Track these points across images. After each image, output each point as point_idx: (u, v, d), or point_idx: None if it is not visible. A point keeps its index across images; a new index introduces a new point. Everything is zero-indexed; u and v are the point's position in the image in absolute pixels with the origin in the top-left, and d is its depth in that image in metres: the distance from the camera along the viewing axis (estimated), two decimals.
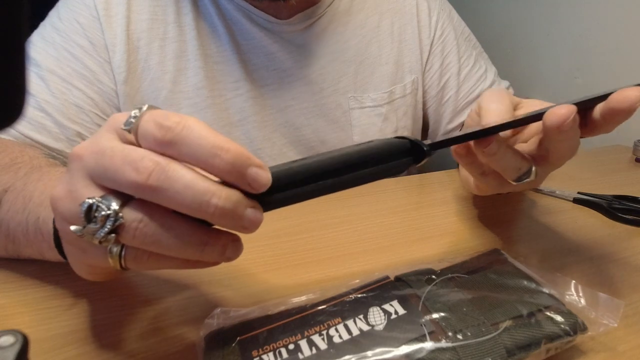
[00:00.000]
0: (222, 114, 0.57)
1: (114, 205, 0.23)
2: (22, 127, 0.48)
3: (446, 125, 0.67)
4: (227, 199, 0.22)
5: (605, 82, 0.91)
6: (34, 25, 0.54)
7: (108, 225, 0.23)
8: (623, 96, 0.30)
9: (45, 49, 0.51)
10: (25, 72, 0.14)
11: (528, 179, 0.34)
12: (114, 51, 0.52)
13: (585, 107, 0.32)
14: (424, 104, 0.68)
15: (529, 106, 0.36)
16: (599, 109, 0.32)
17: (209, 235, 0.24)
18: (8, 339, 0.19)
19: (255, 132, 0.58)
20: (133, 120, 0.23)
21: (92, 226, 0.23)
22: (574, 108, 0.29)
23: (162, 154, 0.23)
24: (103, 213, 0.22)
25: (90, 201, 0.23)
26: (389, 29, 0.63)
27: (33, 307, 0.33)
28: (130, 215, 0.23)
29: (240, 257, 0.28)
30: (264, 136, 0.59)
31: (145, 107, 0.24)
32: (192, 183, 0.22)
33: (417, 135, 0.69)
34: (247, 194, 0.23)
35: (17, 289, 0.35)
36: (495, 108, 0.34)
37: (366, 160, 0.26)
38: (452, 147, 0.35)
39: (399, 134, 0.64)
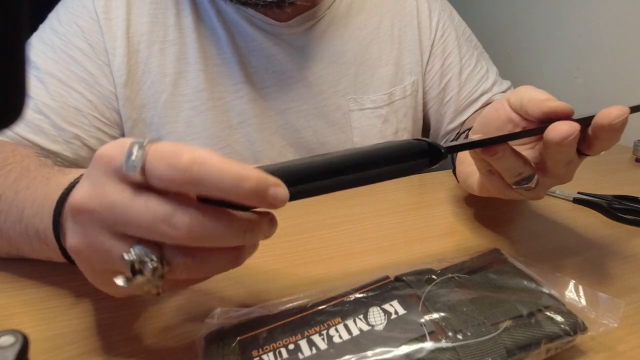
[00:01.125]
0: (222, 116, 0.57)
1: (154, 257, 0.23)
2: (20, 129, 0.47)
3: (447, 125, 0.67)
4: (258, 226, 0.24)
5: (605, 82, 0.91)
6: (33, 27, 0.54)
7: (157, 276, 0.23)
8: (606, 113, 0.31)
9: (45, 51, 0.50)
10: (25, 73, 0.14)
11: (527, 185, 0.35)
12: (113, 54, 0.52)
13: (583, 124, 0.32)
14: (425, 104, 0.68)
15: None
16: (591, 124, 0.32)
17: (241, 251, 0.25)
18: (8, 339, 0.19)
19: (255, 135, 0.58)
20: (136, 161, 0.22)
21: (140, 279, 0.23)
22: (576, 126, 0.30)
23: (179, 192, 0.23)
24: (149, 266, 0.23)
25: (132, 258, 0.23)
26: (389, 31, 0.63)
27: (33, 307, 0.33)
28: (174, 260, 0.23)
29: None
30: (264, 138, 0.59)
31: (146, 142, 0.22)
32: (229, 223, 0.23)
33: (418, 136, 0.69)
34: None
35: (17, 289, 0.35)
36: (540, 92, 0.34)
37: (385, 158, 0.27)
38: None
39: (399, 135, 0.64)
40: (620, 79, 0.88)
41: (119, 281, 0.23)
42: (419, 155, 0.28)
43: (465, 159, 0.46)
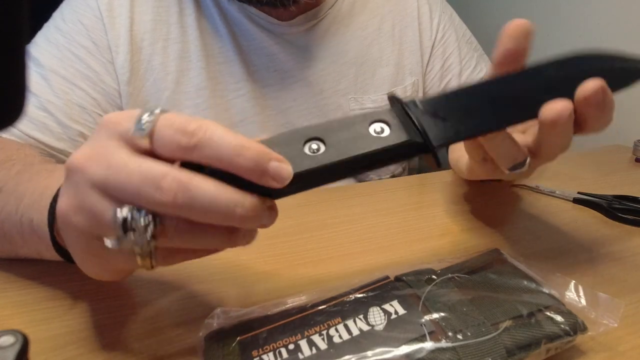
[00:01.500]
0: (223, 114, 0.57)
1: (148, 214, 0.23)
2: (25, 126, 0.48)
3: None
4: (252, 207, 0.23)
5: None
6: (35, 26, 0.54)
7: (149, 233, 0.23)
8: (548, 109, 0.29)
9: (49, 49, 0.51)
10: (25, 72, 0.14)
11: (521, 170, 0.34)
12: (117, 52, 0.52)
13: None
14: None
15: None
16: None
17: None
18: (8, 339, 0.19)
19: (256, 133, 0.58)
20: (146, 125, 0.23)
21: (131, 237, 0.23)
22: (570, 104, 0.29)
23: (183, 159, 0.23)
24: (142, 223, 0.22)
25: (124, 214, 0.23)
26: (390, 31, 0.63)
27: (33, 307, 0.33)
28: (166, 221, 0.23)
29: (240, 257, 0.28)
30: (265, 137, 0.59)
31: (158, 110, 0.23)
32: (216, 197, 0.22)
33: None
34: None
35: (17, 289, 0.35)
36: None
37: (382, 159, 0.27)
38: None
39: None
40: None
41: (109, 242, 0.23)
42: (415, 147, 0.28)
43: (455, 145, 0.47)
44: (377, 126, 0.28)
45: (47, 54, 0.50)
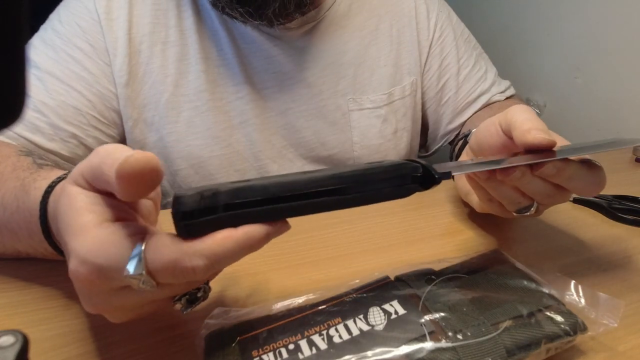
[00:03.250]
0: (223, 116, 0.57)
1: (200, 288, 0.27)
2: (17, 126, 0.47)
3: (446, 126, 0.67)
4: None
5: (605, 82, 0.91)
6: (34, 27, 0.54)
7: (207, 290, 0.28)
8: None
9: (45, 51, 0.51)
10: (25, 74, 0.14)
11: (527, 213, 0.37)
12: (115, 54, 0.52)
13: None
14: (423, 104, 0.68)
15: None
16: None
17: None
18: (8, 339, 0.19)
19: (256, 135, 0.58)
20: (145, 282, 0.23)
21: (196, 305, 0.27)
22: (515, 168, 0.32)
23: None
24: (200, 292, 0.27)
25: (183, 300, 0.26)
26: (388, 31, 0.63)
27: (33, 307, 0.33)
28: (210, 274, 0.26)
29: None
30: (264, 138, 0.59)
31: (137, 262, 0.22)
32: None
33: (417, 136, 0.69)
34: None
35: (17, 289, 0.35)
36: (527, 117, 0.33)
37: (374, 180, 0.27)
38: (466, 174, 0.37)
39: (399, 135, 0.65)
40: (620, 79, 0.88)
41: (186, 311, 0.27)
42: (412, 178, 0.28)
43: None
44: None
45: (43, 55, 0.50)
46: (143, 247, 0.22)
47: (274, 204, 0.24)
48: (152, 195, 0.28)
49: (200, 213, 0.23)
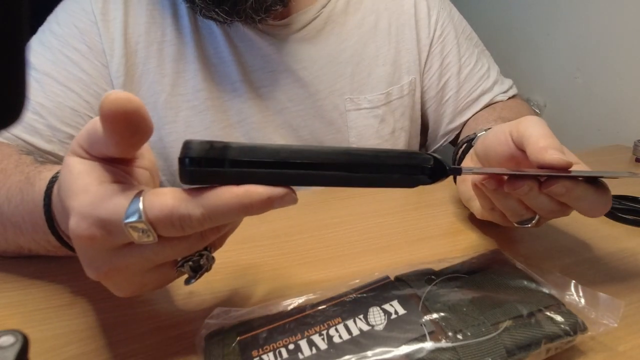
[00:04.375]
0: (221, 115, 0.57)
1: (201, 254, 0.27)
2: (15, 129, 0.47)
3: (447, 125, 0.67)
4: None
5: (605, 82, 0.91)
6: (33, 28, 0.54)
7: (211, 259, 0.28)
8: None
9: (43, 53, 0.51)
10: (25, 74, 0.14)
11: (529, 225, 0.37)
12: (111, 55, 0.52)
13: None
14: (423, 104, 0.67)
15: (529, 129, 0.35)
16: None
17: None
18: (8, 339, 0.19)
19: (254, 133, 0.58)
20: (144, 232, 0.23)
21: (203, 269, 0.28)
22: (530, 184, 0.32)
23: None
24: (203, 259, 0.27)
25: (187, 267, 0.27)
26: (386, 30, 0.63)
27: (33, 307, 0.33)
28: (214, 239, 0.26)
29: (240, 257, 0.28)
30: (263, 137, 0.59)
31: (139, 215, 0.22)
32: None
33: (416, 136, 0.69)
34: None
35: (17, 289, 0.35)
36: (542, 133, 0.33)
37: (384, 164, 0.26)
38: (472, 181, 0.37)
39: (396, 135, 0.64)
40: (620, 79, 0.88)
41: (189, 284, 0.28)
42: (419, 169, 0.27)
43: (467, 177, 0.46)
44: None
45: (41, 57, 0.50)
46: (142, 197, 0.23)
47: (282, 168, 0.24)
48: (148, 165, 0.28)
49: (207, 162, 0.23)
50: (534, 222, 0.36)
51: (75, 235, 0.23)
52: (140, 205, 0.22)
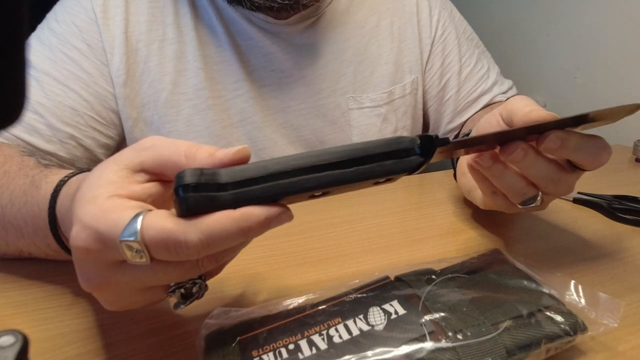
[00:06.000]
0: (222, 114, 0.57)
1: (194, 281, 0.27)
2: (15, 128, 0.47)
3: (447, 125, 0.67)
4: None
5: (605, 82, 0.91)
6: (32, 27, 0.54)
7: (203, 287, 0.27)
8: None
9: (42, 51, 0.50)
10: (25, 74, 0.14)
11: (533, 205, 0.36)
12: (112, 54, 0.52)
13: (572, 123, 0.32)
14: (424, 103, 0.67)
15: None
16: None
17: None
18: (8, 339, 0.19)
19: (256, 133, 0.58)
20: (139, 255, 0.22)
21: (192, 298, 0.27)
22: (519, 143, 0.32)
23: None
24: (195, 289, 0.27)
25: (176, 293, 0.26)
26: (389, 29, 0.63)
27: (33, 307, 0.33)
28: (210, 269, 0.26)
29: (240, 257, 0.28)
30: (265, 136, 0.59)
31: (138, 231, 0.22)
32: (242, 230, 0.23)
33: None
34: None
35: (17, 289, 0.35)
36: (527, 103, 0.34)
37: (373, 152, 0.26)
38: (468, 162, 0.37)
39: (399, 134, 0.64)
40: (620, 79, 0.88)
41: (177, 309, 0.27)
42: (409, 150, 0.27)
43: (466, 170, 0.46)
44: (384, 179, 0.27)
45: (40, 55, 0.50)
46: (142, 217, 0.22)
47: (275, 180, 0.24)
48: None
49: (200, 188, 0.22)
50: (538, 201, 0.36)
51: (73, 244, 0.23)
52: (138, 225, 0.22)
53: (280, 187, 0.24)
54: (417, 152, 0.27)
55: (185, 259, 0.23)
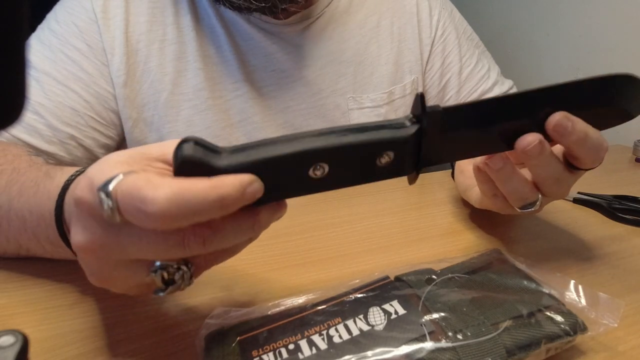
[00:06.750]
0: (222, 115, 0.57)
1: (178, 265, 0.25)
2: (14, 129, 0.47)
3: None
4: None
5: None
6: (32, 27, 0.54)
7: (188, 275, 0.25)
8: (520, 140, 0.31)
9: (42, 51, 0.50)
10: (25, 74, 0.14)
11: (533, 209, 0.36)
12: (112, 54, 0.52)
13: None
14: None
15: None
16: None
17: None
18: (8, 339, 0.19)
19: (256, 133, 0.58)
20: (109, 209, 0.21)
21: (174, 285, 0.25)
22: (538, 136, 0.31)
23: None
24: (178, 275, 0.25)
25: (159, 274, 0.24)
26: (389, 29, 0.63)
27: (33, 307, 0.33)
28: (197, 258, 0.25)
29: (240, 257, 0.28)
30: (264, 136, 0.59)
31: (110, 186, 0.21)
32: (237, 230, 0.24)
33: None
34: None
35: (17, 288, 0.35)
36: None
37: (366, 126, 0.26)
38: (475, 164, 0.37)
39: None
40: None
41: (159, 295, 0.25)
42: (403, 124, 0.28)
43: (465, 168, 0.46)
44: (385, 156, 0.27)
45: (40, 55, 0.50)
46: (125, 175, 0.21)
47: (270, 149, 0.24)
48: None
49: (200, 144, 0.23)
50: (537, 205, 0.36)
51: (74, 195, 0.24)
52: (116, 180, 0.21)
53: (276, 157, 0.23)
54: (411, 123, 0.28)
55: (154, 223, 0.21)
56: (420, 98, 0.28)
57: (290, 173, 0.25)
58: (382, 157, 0.27)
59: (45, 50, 0.50)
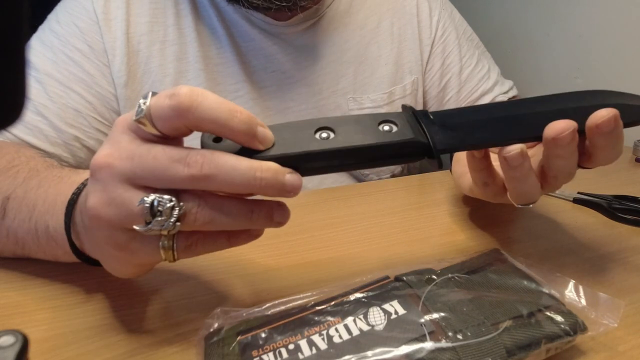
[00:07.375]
0: None
1: (173, 198, 0.25)
2: (19, 131, 0.47)
3: None
4: (268, 170, 0.25)
5: (605, 82, 0.91)
6: (33, 28, 0.54)
7: (175, 215, 0.25)
8: (552, 126, 0.30)
9: (44, 52, 0.50)
10: (25, 74, 0.14)
11: (532, 205, 0.35)
12: (113, 55, 0.52)
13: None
14: (425, 104, 0.68)
15: None
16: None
17: (253, 203, 0.27)
18: (8, 339, 0.19)
19: None
20: (142, 109, 0.24)
21: (159, 219, 0.25)
22: (572, 124, 0.29)
23: (184, 127, 0.25)
24: (168, 205, 0.25)
25: (151, 198, 0.25)
26: (389, 30, 0.63)
27: (33, 307, 0.33)
28: (189, 203, 0.25)
29: (240, 256, 0.28)
30: None
31: (150, 93, 0.25)
32: (236, 164, 0.25)
33: None
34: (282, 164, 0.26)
35: (17, 288, 0.35)
36: None
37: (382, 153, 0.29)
38: (493, 157, 0.36)
39: None
40: (620, 79, 0.88)
41: (139, 227, 0.25)
42: (418, 150, 0.30)
43: (460, 157, 0.46)
44: (386, 125, 0.29)
45: (42, 56, 0.50)
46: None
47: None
48: None
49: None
50: (535, 201, 0.35)
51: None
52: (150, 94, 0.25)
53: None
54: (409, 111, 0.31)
55: (182, 118, 0.24)
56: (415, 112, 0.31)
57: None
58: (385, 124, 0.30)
59: (47, 52, 0.51)
